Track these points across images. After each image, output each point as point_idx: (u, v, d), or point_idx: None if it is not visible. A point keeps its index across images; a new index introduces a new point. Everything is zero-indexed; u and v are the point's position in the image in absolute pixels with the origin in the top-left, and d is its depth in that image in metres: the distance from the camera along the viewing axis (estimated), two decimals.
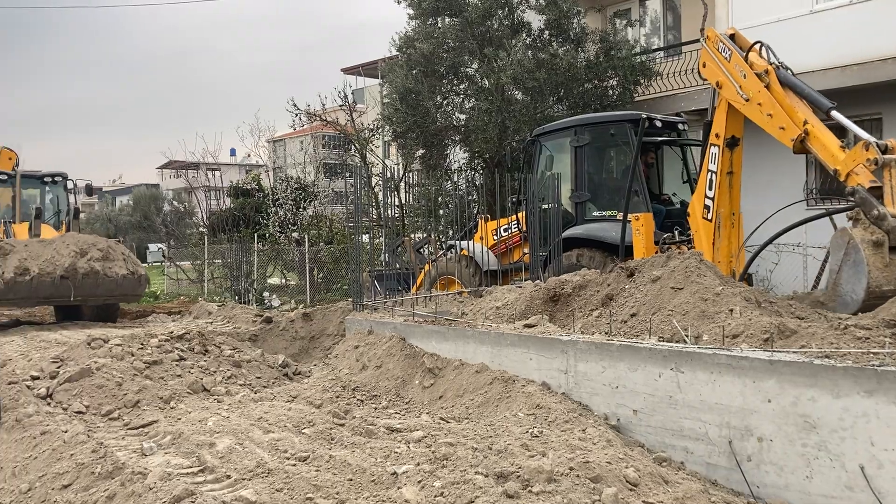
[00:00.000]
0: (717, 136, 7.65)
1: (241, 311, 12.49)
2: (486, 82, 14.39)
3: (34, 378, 6.91)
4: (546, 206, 9.40)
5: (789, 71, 7.06)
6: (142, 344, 7.59)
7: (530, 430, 4.81)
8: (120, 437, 5.68)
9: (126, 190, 68.67)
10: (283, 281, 22.29)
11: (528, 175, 10.48)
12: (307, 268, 19.37)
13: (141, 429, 5.85)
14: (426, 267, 11.22)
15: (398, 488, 4.00)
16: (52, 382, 6.54)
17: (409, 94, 14.45)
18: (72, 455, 4.80)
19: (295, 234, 20.74)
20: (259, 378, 7.64)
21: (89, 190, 16.62)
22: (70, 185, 15.97)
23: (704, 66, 7.84)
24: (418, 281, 11.31)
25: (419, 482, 4.02)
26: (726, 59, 7.42)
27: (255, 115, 77.99)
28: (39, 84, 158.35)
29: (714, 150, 7.68)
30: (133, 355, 7.26)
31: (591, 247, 9.44)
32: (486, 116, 13.63)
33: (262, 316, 10.97)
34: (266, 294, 20.01)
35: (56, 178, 15.74)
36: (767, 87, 6.93)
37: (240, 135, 58.07)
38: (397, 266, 11.66)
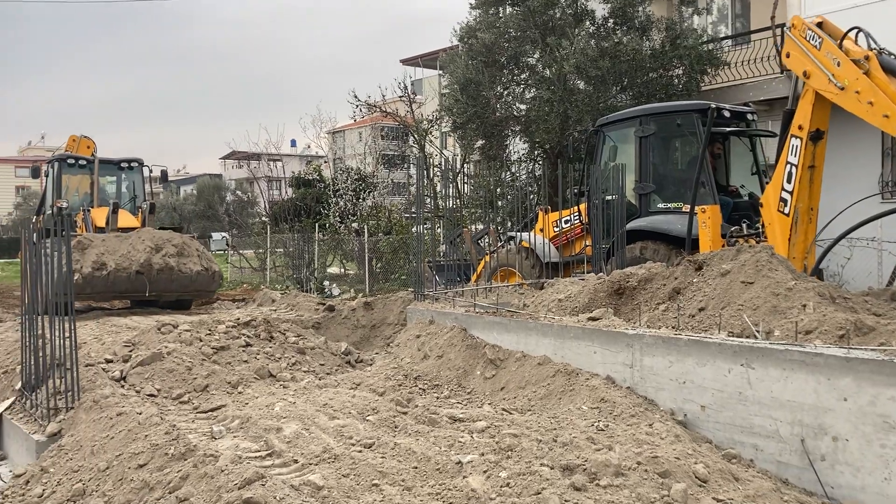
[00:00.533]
0: (800, 127, 7.38)
1: (304, 298, 12.67)
2: (548, 72, 14.24)
3: (108, 361, 7.14)
4: (609, 198, 9.28)
5: (893, 56, 6.74)
6: (210, 330, 7.76)
7: (595, 424, 4.76)
8: (190, 420, 5.84)
9: (190, 179, 70.35)
10: (343, 270, 22.58)
11: (590, 166, 10.36)
12: (366, 257, 19.59)
13: (210, 412, 6.00)
14: (485, 258, 11.21)
15: (463, 477, 4.01)
16: (125, 366, 6.75)
17: (469, 85, 14.41)
18: (146, 436, 4.95)
19: (354, 225, 20.98)
20: (322, 365, 7.75)
21: (164, 176, 16.66)
22: (146, 171, 16.10)
23: (788, 55, 7.55)
24: (477, 272, 11.31)
25: (485, 472, 4.02)
26: (815, 47, 7.12)
27: (316, 106, 78.62)
28: (102, 76, 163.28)
29: (795, 142, 7.42)
30: (201, 341, 7.44)
31: (655, 239, 9.29)
32: (548, 106, 13.51)
33: (324, 304, 11.10)
34: (326, 283, 20.31)
35: (132, 164, 15.86)
36: (867, 73, 6.63)
37: (302, 126, 58.23)
38: (455, 257, 11.68)
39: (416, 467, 4.37)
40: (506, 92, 15.07)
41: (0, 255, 47.28)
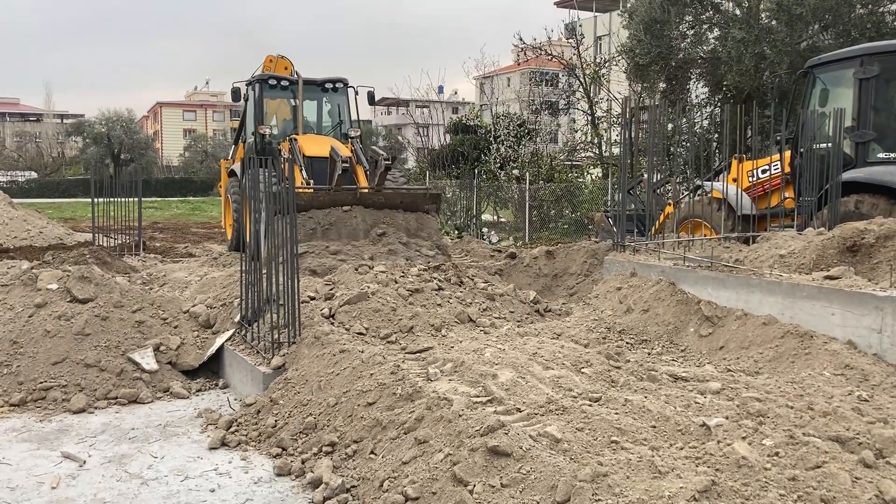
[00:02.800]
0: None
1: (477, 245, 12.64)
2: (738, 11, 13.20)
3: (311, 298, 7.33)
4: (819, 146, 8.49)
5: None
6: (403, 272, 7.81)
7: (854, 393, 4.34)
8: (401, 361, 5.87)
9: None
10: (496, 217, 22.45)
11: (795, 111, 9.53)
12: (527, 205, 19.33)
13: (418, 354, 6.00)
14: (667, 209, 10.65)
15: (718, 442, 3.74)
16: (331, 304, 6.87)
17: (654, 25, 13.59)
18: (371, 375, 5.00)
19: (515, 172, 20.71)
20: (512, 312, 7.62)
21: (371, 98, 13.67)
22: (351, 93, 13.58)
23: None
24: (657, 223, 10.78)
25: (744, 438, 3.73)
26: None
27: (480, 49, 77.86)
28: (265, 23, 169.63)
29: None
30: (396, 283, 7.48)
31: (873, 193, 8.44)
32: (742, 46, 12.53)
33: (500, 251, 10.98)
34: (485, 230, 20.28)
35: (336, 85, 13.38)
36: None
37: (465, 70, 56.80)
38: (632, 207, 11.17)
39: (655, 426, 4.14)
40: (691, 32, 14.12)
41: (173, 193, 50.92)
